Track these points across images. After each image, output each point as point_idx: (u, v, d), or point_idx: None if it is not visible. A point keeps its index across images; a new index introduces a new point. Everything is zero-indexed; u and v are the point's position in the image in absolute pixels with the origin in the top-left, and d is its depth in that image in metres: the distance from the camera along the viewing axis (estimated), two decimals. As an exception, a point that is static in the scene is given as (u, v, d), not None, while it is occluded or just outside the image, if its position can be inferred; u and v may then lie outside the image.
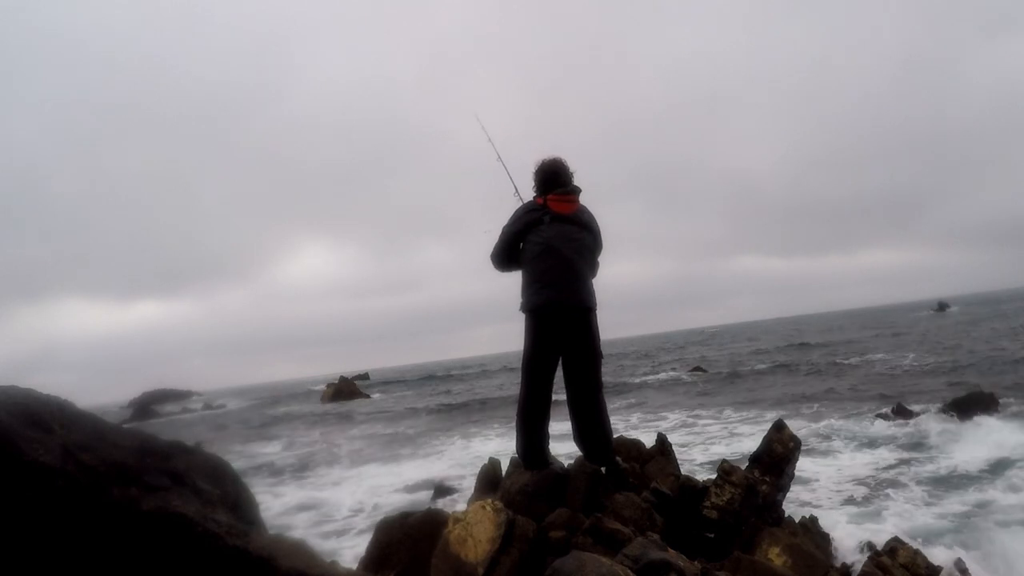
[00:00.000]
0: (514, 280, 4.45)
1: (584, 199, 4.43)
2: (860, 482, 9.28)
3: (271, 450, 19.73)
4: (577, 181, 4.42)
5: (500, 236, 4.43)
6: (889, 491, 8.68)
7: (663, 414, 18.57)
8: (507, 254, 4.40)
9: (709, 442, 13.61)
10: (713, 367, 31.28)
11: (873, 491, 8.77)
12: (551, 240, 4.22)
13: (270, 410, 39.17)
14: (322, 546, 7.94)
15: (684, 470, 5.44)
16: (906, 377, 20.74)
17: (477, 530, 3.55)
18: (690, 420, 17.16)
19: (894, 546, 4.92)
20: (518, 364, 4.42)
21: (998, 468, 9.14)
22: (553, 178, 4.35)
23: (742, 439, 13.32)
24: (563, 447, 4.80)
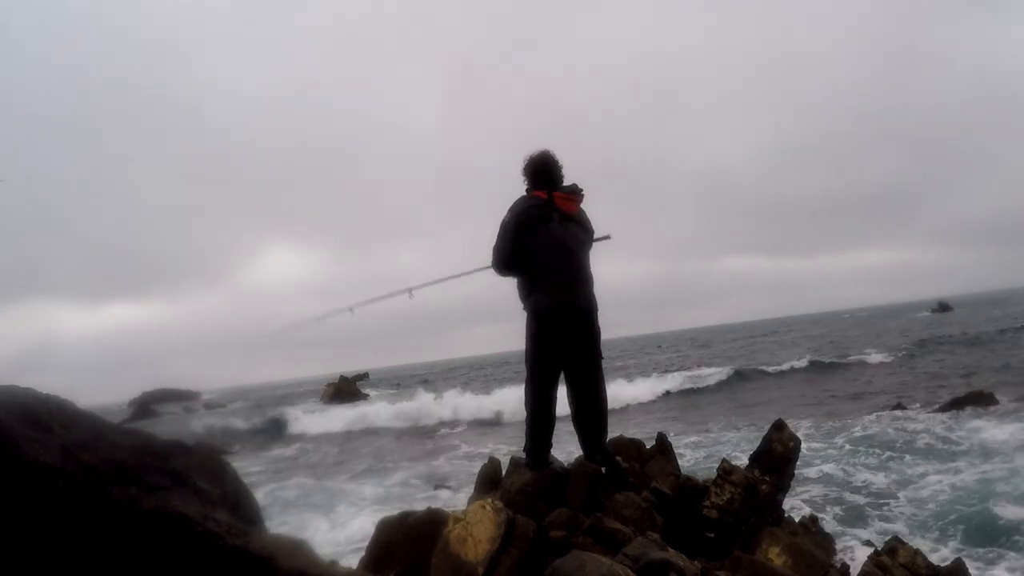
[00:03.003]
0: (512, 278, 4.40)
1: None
2: (860, 481, 9.29)
3: (276, 451, 19.71)
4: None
5: (500, 233, 4.20)
6: (889, 491, 8.69)
7: (663, 414, 18.59)
8: (510, 252, 4.16)
9: (709, 442, 13.61)
10: (710, 367, 31.27)
11: (873, 490, 8.77)
12: (567, 241, 4.13)
13: (270, 410, 39.12)
14: (323, 545, 7.94)
15: (684, 470, 5.44)
16: (905, 377, 20.75)
17: (477, 530, 3.55)
18: (690, 419, 17.17)
19: (894, 546, 4.92)
20: (518, 364, 4.41)
21: (997, 468, 9.13)
22: (546, 171, 4.23)
23: (742, 438, 13.33)
24: (563, 447, 4.81)
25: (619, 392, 21.31)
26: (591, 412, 4.33)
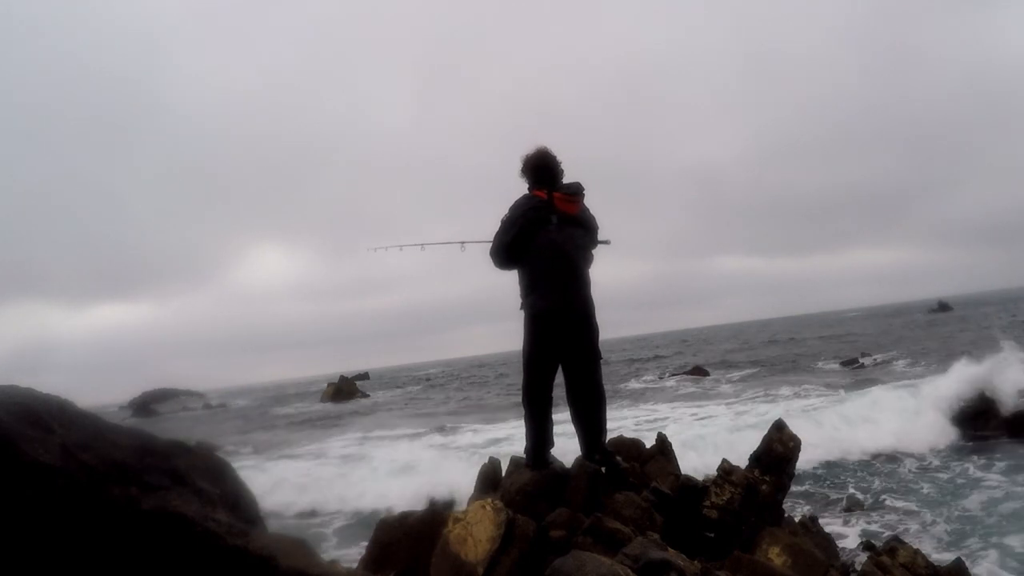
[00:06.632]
0: (510, 278, 4.40)
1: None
2: (860, 481, 9.29)
3: (283, 449, 19.62)
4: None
5: (500, 229, 4.23)
6: (889, 491, 8.69)
7: (663, 414, 18.57)
8: (509, 249, 4.19)
9: (709, 442, 13.59)
10: (711, 368, 31.27)
11: (873, 491, 8.77)
12: (563, 245, 4.13)
13: (272, 409, 39.12)
14: (322, 545, 7.94)
15: (684, 470, 5.43)
16: (905, 378, 20.71)
17: (477, 530, 3.55)
18: (690, 420, 17.15)
19: (894, 546, 4.91)
20: (518, 363, 4.41)
21: (997, 469, 9.14)
22: (544, 168, 4.24)
23: (742, 438, 13.31)
24: (563, 447, 4.81)
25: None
26: (590, 411, 4.33)
